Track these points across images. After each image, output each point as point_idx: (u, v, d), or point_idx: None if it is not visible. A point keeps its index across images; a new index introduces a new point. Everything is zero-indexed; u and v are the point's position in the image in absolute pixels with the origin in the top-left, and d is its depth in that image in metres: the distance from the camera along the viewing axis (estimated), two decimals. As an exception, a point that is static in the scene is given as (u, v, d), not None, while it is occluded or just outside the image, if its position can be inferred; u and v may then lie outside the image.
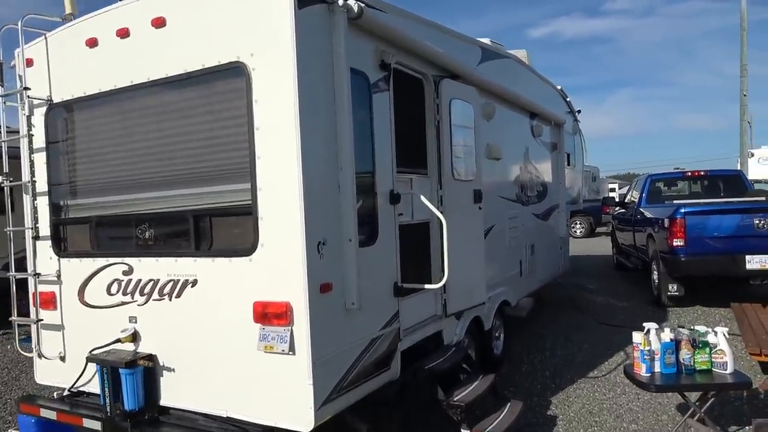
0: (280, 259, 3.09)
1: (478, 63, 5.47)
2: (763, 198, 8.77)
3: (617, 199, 12.73)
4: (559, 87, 8.91)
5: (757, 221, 7.51)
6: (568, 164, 9.51)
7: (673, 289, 8.22)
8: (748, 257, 7.53)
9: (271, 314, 3.10)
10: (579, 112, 10.09)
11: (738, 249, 7.58)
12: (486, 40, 5.99)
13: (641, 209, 10.01)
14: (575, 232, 20.48)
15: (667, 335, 3.75)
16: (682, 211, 7.85)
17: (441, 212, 4.30)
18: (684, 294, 8.28)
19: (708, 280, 8.48)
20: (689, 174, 10.77)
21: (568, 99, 9.38)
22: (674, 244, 7.84)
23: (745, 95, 15.16)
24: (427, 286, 4.10)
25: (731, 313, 7.96)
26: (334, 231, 3.26)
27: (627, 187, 24.81)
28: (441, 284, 4.07)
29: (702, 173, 10.59)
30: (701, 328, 3.80)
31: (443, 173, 4.56)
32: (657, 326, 3.79)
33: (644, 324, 3.83)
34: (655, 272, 8.72)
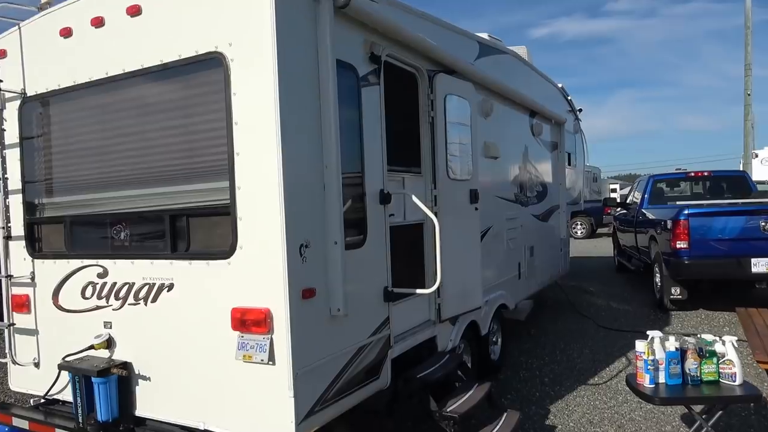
0: (260, 263, 2.89)
1: (476, 58, 5.27)
2: (768, 200, 8.56)
3: (618, 200, 12.51)
4: (560, 85, 8.70)
5: (763, 223, 7.29)
6: (569, 164, 9.31)
7: (675, 292, 8.01)
8: (753, 260, 7.32)
9: (249, 321, 2.90)
10: (580, 110, 9.89)
11: (743, 251, 7.38)
12: (484, 35, 5.79)
13: (643, 210, 9.80)
14: (576, 232, 20.29)
15: (672, 344, 3.55)
16: (686, 212, 7.64)
17: (435, 213, 4.11)
18: (687, 297, 8.08)
19: (712, 283, 8.27)
20: (692, 175, 10.55)
21: (569, 97, 9.18)
22: (678, 246, 7.64)
23: (749, 94, 14.91)
24: (418, 291, 3.90)
25: (736, 318, 7.75)
26: (319, 233, 3.06)
27: (628, 188, 24.60)
28: (433, 289, 3.87)
29: (706, 174, 10.37)
30: (708, 337, 3.60)
31: (438, 172, 4.36)
32: (661, 334, 3.60)
33: (648, 332, 3.64)
34: (658, 275, 8.52)
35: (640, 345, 3.57)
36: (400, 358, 3.87)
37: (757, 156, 16.97)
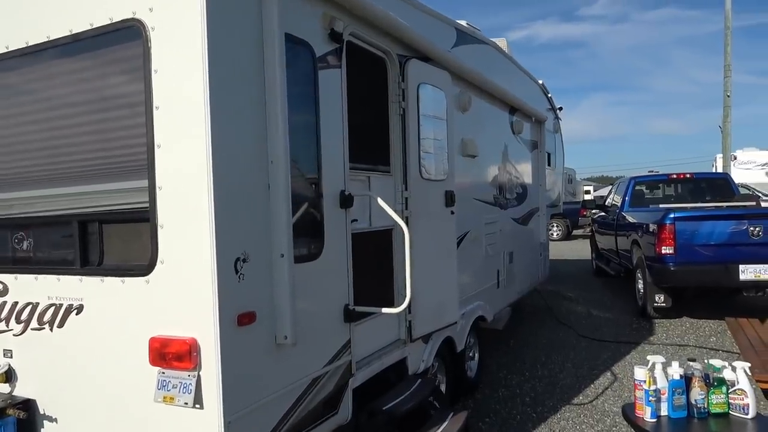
0: (184, 281, 2.33)
1: (453, 46, 4.76)
2: (754, 203, 8.25)
3: (596, 202, 12.16)
4: (540, 81, 8.27)
5: (752, 228, 6.95)
6: (549, 164, 8.89)
7: (660, 299, 7.62)
8: (741, 267, 6.96)
9: (171, 355, 2.33)
10: (560, 109, 9.48)
11: (731, 258, 7.01)
12: (462, 22, 5.29)
13: (624, 213, 9.44)
14: (552, 234, 20.03)
15: (675, 371, 3.08)
16: (672, 216, 7.25)
17: (406, 218, 3.59)
18: (671, 305, 7.71)
19: (696, 290, 7.91)
20: (674, 177, 10.23)
21: (549, 95, 8.76)
22: (663, 251, 7.24)
23: (728, 96, 14.73)
24: (385, 310, 3.36)
25: (722, 326, 7.42)
26: (261, 243, 2.50)
27: (602, 189, 24.46)
28: (402, 308, 3.34)
29: (688, 176, 10.05)
30: (716, 363, 3.15)
31: (409, 171, 3.83)
32: (663, 360, 3.13)
33: (648, 357, 3.17)
34: (641, 281, 8.13)
35: (640, 373, 3.09)
36: (363, 385, 3.34)
37: (735, 158, 16.82)
